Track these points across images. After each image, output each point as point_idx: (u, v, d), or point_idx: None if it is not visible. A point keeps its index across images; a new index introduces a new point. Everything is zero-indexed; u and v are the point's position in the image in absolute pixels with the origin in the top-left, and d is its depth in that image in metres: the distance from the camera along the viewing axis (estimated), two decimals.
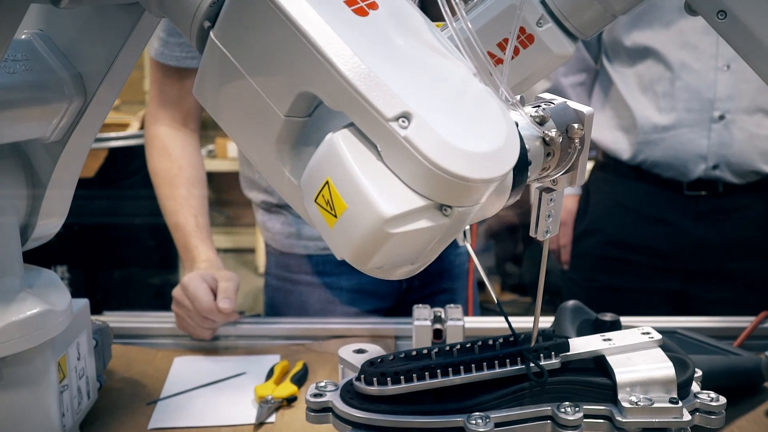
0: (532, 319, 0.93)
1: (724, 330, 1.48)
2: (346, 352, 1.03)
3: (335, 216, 0.65)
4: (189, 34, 0.73)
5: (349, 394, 0.90)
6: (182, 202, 1.66)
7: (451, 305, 1.37)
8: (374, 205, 0.62)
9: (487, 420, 0.85)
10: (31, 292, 0.91)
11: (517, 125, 0.73)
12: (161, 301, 1.48)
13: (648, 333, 0.95)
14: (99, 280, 3.13)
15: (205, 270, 1.53)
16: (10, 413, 0.89)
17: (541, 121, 0.75)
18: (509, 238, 3.92)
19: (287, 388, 1.28)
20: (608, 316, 1.16)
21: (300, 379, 1.32)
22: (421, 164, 0.61)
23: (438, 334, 1.33)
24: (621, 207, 2.09)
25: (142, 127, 3.35)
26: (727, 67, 1.88)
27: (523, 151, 0.72)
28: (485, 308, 2.00)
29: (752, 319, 1.44)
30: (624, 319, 1.20)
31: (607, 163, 2.13)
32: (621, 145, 2.04)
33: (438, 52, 0.69)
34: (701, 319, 1.55)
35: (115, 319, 1.51)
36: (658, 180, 2.00)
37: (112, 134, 3.09)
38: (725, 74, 1.89)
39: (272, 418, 1.23)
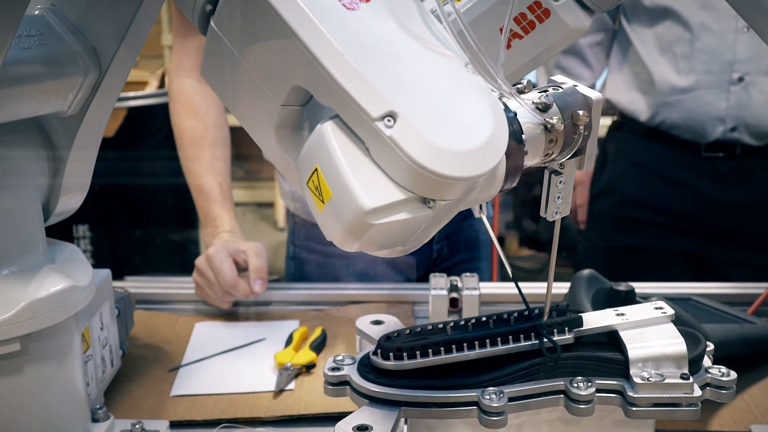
0: (546, 283, 0.93)
1: (739, 296, 1.49)
2: (364, 323, 1.04)
3: (323, 201, 0.67)
4: (192, 16, 0.74)
5: (365, 368, 0.92)
6: (207, 166, 1.64)
7: (467, 274, 1.39)
8: (355, 196, 0.64)
9: (501, 395, 0.87)
10: (54, 268, 0.93)
11: (515, 115, 0.73)
12: (181, 258, 1.50)
13: (661, 308, 0.96)
14: (120, 239, 3.16)
15: (229, 241, 1.54)
16: (36, 386, 0.91)
17: (543, 108, 0.75)
18: (528, 193, 3.92)
19: (306, 355, 1.30)
20: (623, 286, 1.17)
21: (319, 346, 1.34)
22: (404, 162, 0.63)
23: (454, 303, 1.34)
24: (638, 167, 2.09)
25: (160, 86, 3.35)
26: (747, 29, 1.86)
27: (519, 140, 0.73)
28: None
29: (767, 285, 1.45)
30: (638, 285, 1.21)
31: (624, 123, 2.11)
32: (639, 106, 2.03)
33: (429, 44, 0.69)
34: (715, 285, 1.56)
35: (137, 285, 1.54)
36: (676, 141, 1.99)
37: (131, 93, 3.09)
38: (745, 36, 1.86)
39: (291, 385, 1.25)
